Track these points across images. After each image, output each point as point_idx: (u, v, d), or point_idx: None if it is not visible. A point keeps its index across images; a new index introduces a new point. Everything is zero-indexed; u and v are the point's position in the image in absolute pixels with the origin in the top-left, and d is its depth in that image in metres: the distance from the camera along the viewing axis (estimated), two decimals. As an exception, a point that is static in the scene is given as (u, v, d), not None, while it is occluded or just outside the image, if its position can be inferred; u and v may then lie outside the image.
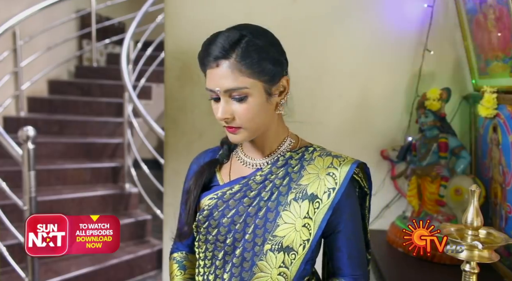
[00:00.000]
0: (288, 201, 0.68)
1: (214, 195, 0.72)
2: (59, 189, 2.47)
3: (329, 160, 0.70)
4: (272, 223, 0.68)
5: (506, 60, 0.96)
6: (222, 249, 0.70)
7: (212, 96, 0.67)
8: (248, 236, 0.69)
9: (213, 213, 0.71)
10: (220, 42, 0.65)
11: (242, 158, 0.74)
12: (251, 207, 0.69)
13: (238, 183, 0.71)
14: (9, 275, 1.91)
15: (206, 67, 0.67)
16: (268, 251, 0.67)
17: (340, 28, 1.26)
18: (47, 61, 3.10)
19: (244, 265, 0.69)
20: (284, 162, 0.71)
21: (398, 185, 1.25)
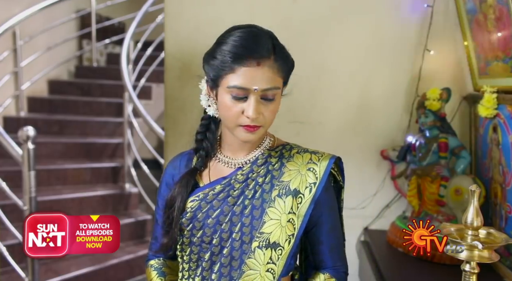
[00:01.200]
0: (272, 198, 0.70)
1: (196, 197, 0.72)
2: (59, 189, 2.47)
3: (307, 156, 0.72)
4: (259, 220, 0.69)
5: (506, 60, 0.96)
6: (209, 250, 0.70)
7: (238, 94, 0.65)
8: (235, 234, 0.69)
9: (197, 215, 0.71)
10: (263, 41, 0.65)
11: (221, 159, 0.74)
12: (236, 206, 0.70)
13: (219, 184, 0.71)
14: (9, 275, 1.91)
15: (241, 65, 0.64)
16: (256, 248, 0.68)
17: (340, 28, 1.26)
18: (47, 61, 3.10)
19: (232, 264, 0.69)
20: (264, 160, 0.72)
21: (398, 185, 1.25)
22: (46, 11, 2.72)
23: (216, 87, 0.68)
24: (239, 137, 0.68)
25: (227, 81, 0.65)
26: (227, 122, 0.68)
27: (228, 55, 0.64)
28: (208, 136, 0.74)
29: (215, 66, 0.66)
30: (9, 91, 2.86)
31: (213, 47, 0.69)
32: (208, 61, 0.68)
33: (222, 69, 0.65)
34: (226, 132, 0.73)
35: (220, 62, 0.65)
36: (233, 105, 0.65)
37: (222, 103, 0.67)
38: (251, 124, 0.66)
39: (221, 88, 0.66)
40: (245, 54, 0.64)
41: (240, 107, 0.65)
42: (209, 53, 0.69)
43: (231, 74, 0.64)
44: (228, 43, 0.65)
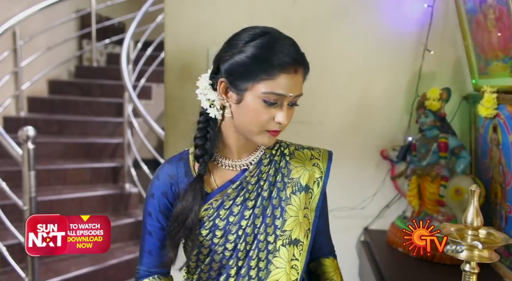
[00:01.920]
0: (288, 196, 0.71)
1: (209, 205, 0.70)
2: (59, 189, 2.47)
3: (308, 153, 0.75)
4: (280, 219, 0.70)
5: (506, 60, 0.96)
6: (234, 256, 0.69)
7: (273, 100, 0.64)
8: (260, 236, 0.69)
9: (217, 223, 0.69)
10: (297, 48, 0.66)
11: (222, 162, 0.72)
12: (256, 208, 0.70)
13: (230, 188, 0.70)
14: (9, 275, 1.91)
15: (282, 72, 0.63)
16: (281, 246, 0.70)
17: (340, 28, 1.26)
18: (47, 61, 3.10)
19: (260, 265, 0.70)
20: (268, 160, 0.73)
21: (398, 185, 1.25)
22: (46, 11, 2.73)
23: (243, 91, 0.65)
24: (260, 141, 0.68)
25: (264, 86, 0.63)
26: (251, 127, 0.66)
27: (272, 62, 0.63)
28: (209, 137, 0.70)
29: (247, 69, 0.64)
30: (9, 91, 2.86)
31: (239, 49, 0.65)
32: (236, 63, 0.65)
33: (258, 75, 0.63)
34: (228, 134, 0.71)
35: (255, 66, 0.63)
36: (265, 111, 0.65)
37: (249, 108, 0.65)
38: (279, 129, 0.67)
39: (252, 93, 0.64)
40: (289, 62, 0.64)
41: (271, 113, 0.65)
42: (233, 55, 0.65)
43: (269, 80, 0.63)
44: (273, 50, 0.64)
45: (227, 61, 0.66)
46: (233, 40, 0.68)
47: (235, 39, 0.68)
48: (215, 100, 0.69)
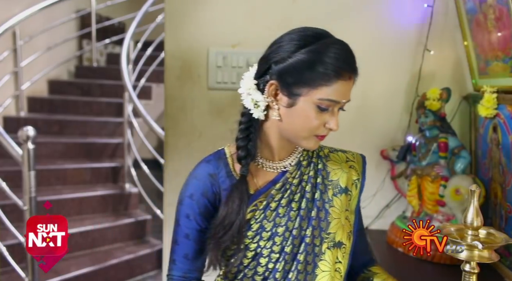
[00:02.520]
0: (330, 198, 0.72)
1: (254, 206, 0.68)
2: (59, 189, 2.47)
3: (343, 155, 0.76)
4: (325, 222, 0.70)
5: (506, 60, 0.96)
6: (282, 260, 0.68)
7: (326, 106, 0.64)
8: (308, 239, 0.69)
9: (264, 225, 0.68)
10: (352, 54, 0.65)
11: (262, 163, 0.71)
12: (301, 210, 0.69)
13: (273, 189, 0.69)
14: (9, 275, 1.91)
15: (339, 79, 0.63)
16: (326, 249, 0.70)
17: (340, 28, 1.25)
18: (47, 61, 3.10)
19: (307, 269, 0.69)
20: (307, 161, 0.73)
21: (398, 185, 1.25)
22: (46, 11, 2.73)
23: (296, 95, 0.64)
24: (307, 145, 0.67)
25: (320, 93, 0.63)
26: (300, 132, 0.66)
27: (330, 68, 0.62)
28: (252, 138, 0.69)
29: (304, 76, 0.63)
30: (9, 91, 2.86)
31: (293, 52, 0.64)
32: (292, 66, 0.63)
33: (316, 81, 0.62)
34: (270, 136, 0.69)
35: (318, 74, 0.62)
36: (317, 117, 0.64)
37: (301, 114, 0.64)
38: (327, 134, 0.67)
39: (306, 98, 0.63)
40: (346, 69, 0.63)
41: (323, 119, 0.65)
42: (288, 58, 0.64)
43: (325, 86, 0.63)
44: (330, 56, 0.62)
45: (280, 64, 0.65)
46: (283, 42, 0.66)
47: (286, 40, 0.66)
48: (260, 101, 0.67)
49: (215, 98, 1.28)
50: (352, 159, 0.76)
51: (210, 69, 1.26)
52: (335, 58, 0.62)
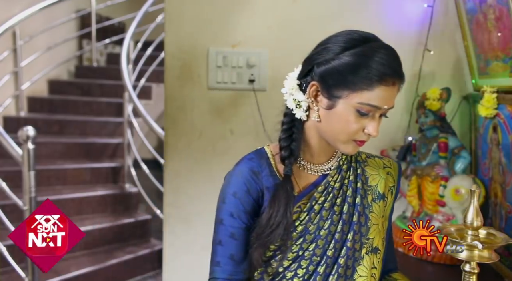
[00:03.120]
0: (369, 203, 0.71)
1: (298, 208, 0.68)
2: (59, 189, 2.47)
3: (380, 161, 0.76)
4: (365, 227, 0.70)
5: (506, 60, 0.96)
6: (323, 263, 0.67)
7: (367, 111, 0.62)
8: (349, 243, 0.68)
9: (308, 228, 0.68)
10: (398, 60, 0.63)
11: (304, 165, 0.70)
12: (344, 214, 0.69)
13: (316, 192, 0.69)
14: (9, 275, 1.91)
15: (382, 84, 0.61)
16: (365, 254, 0.69)
17: (340, 28, 1.26)
18: (47, 61, 3.10)
19: (347, 273, 0.69)
20: (348, 165, 0.72)
21: (398, 185, 1.25)
22: (46, 11, 2.73)
23: (336, 98, 0.63)
24: (345, 150, 0.66)
25: (360, 97, 0.61)
26: (339, 136, 0.65)
27: (374, 73, 0.60)
28: (295, 138, 0.68)
29: (346, 79, 0.62)
30: (9, 91, 2.86)
31: (336, 55, 0.63)
32: (334, 68, 0.63)
33: (358, 85, 0.61)
34: (311, 137, 0.69)
35: (360, 77, 0.61)
36: (356, 121, 0.63)
37: (340, 117, 0.63)
38: (366, 140, 0.65)
39: (346, 101, 0.62)
40: (390, 74, 0.61)
41: (362, 124, 0.63)
42: (331, 60, 0.63)
43: (366, 91, 0.61)
44: (374, 60, 0.61)
45: (323, 65, 0.64)
46: (329, 43, 0.65)
47: (332, 42, 0.65)
48: (302, 101, 0.67)
49: (215, 98, 1.28)
50: (389, 165, 0.75)
51: (210, 69, 1.26)
52: (379, 62, 0.61)
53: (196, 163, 1.28)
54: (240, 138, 1.29)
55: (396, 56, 0.64)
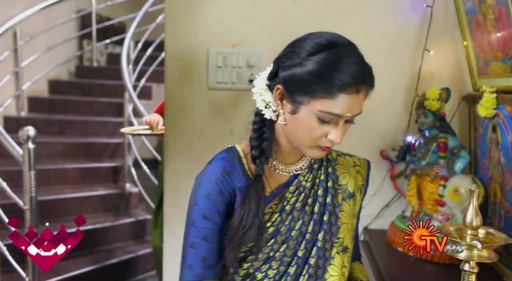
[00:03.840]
0: (340, 202, 0.71)
1: (269, 209, 0.67)
2: (59, 189, 2.47)
3: (350, 159, 0.76)
4: (335, 226, 0.70)
5: (505, 60, 0.96)
6: (294, 264, 0.67)
7: (329, 119, 0.61)
8: (320, 243, 0.68)
9: (280, 229, 0.67)
10: (364, 66, 0.61)
11: (275, 165, 0.70)
12: (315, 214, 0.68)
13: (288, 192, 0.68)
14: (10, 275, 1.92)
15: (343, 93, 0.59)
16: (336, 253, 0.69)
17: (340, 28, 1.25)
18: (48, 61, 3.11)
19: (318, 273, 0.69)
20: (319, 164, 0.72)
21: (397, 184, 1.25)
22: (46, 11, 2.73)
23: (298, 104, 0.62)
24: (310, 154, 0.66)
25: (321, 105, 0.60)
26: (303, 141, 0.64)
27: (335, 82, 0.59)
28: (265, 138, 0.68)
29: (306, 84, 0.60)
30: (10, 91, 2.86)
31: (301, 60, 0.61)
32: (295, 74, 0.61)
33: (318, 93, 0.60)
34: (282, 138, 0.68)
35: (315, 83, 0.59)
36: (318, 128, 0.62)
37: (303, 122, 0.62)
38: (331, 146, 0.64)
39: (307, 108, 0.61)
40: (353, 83, 0.59)
41: (324, 130, 0.62)
42: (294, 65, 0.62)
43: (327, 99, 0.59)
44: (337, 68, 0.59)
45: (286, 70, 0.63)
46: (296, 47, 0.64)
47: (299, 46, 0.63)
48: (270, 102, 0.66)
49: (215, 98, 1.28)
50: (359, 164, 0.75)
51: (210, 69, 1.26)
52: (341, 71, 0.59)
53: (196, 163, 1.28)
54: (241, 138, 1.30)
55: (360, 63, 0.61)
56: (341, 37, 0.64)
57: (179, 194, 1.31)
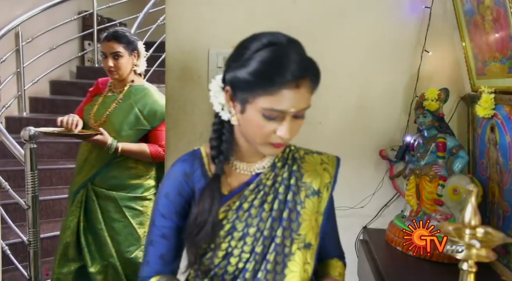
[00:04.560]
0: (302, 199, 0.71)
1: (227, 207, 0.69)
2: (60, 189, 2.49)
3: (318, 157, 0.76)
4: (296, 223, 0.70)
5: (503, 60, 0.96)
6: (252, 260, 0.68)
7: (273, 115, 0.62)
8: (278, 239, 0.69)
9: (236, 225, 0.68)
10: (301, 60, 0.61)
11: (237, 165, 0.72)
12: (274, 211, 0.69)
13: (247, 190, 0.69)
14: (12, 274, 1.93)
15: (280, 88, 0.59)
16: (297, 250, 0.69)
17: (340, 29, 1.28)
18: (49, 62, 3.12)
19: (277, 269, 0.69)
20: (282, 163, 0.73)
21: (396, 184, 1.26)
22: (48, 13, 2.75)
23: (245, 102, 0.63)
24: (264, 152, 0.67)
25: (262, 102, 0.61)
26: (255, 139, 0.65)
27: (263, 78, 0.60)
28: (224, 139, 0.70)
29: (246, 84, 0.61)
30: (12, 91, 2.88)
31: (240, 62, 0.63)
32: (236, 76, 0.63)
33: (256, 90, 0.61)
34: (241, 140, 0.70)
35: (254, 82, 0.60)
36: (265, 125, 0.63)
37: (251, 121, 0.63)
38: (281, 142, 0.65)
39: (252, 106, 0.62)
40: (288, 78, 0.59)
41: (272, 127, 0.63)
42: (235, 67, 0.63)
43: (267, 96, 0.60)
44: (261, 64, 0.60)
45: (231, 71, 0.64)
46: (241, 49, 0.65)
47: (243, 47, 0.65)
48: (224, 104, 0.68)
49: (215, 99, 1.29)
50: (326, 161, 0.75)
51: (211, 70, 1.27)
52: (276, 67, 0.59)
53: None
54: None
55: (299, 59, 0.61)
56: (282, 36, 0.64)
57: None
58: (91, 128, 1.52)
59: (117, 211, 1.49)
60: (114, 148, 1.45)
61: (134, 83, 1.59)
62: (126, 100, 1.55)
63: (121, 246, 1.49)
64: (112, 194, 1.49)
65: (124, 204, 1.50)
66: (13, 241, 1.93)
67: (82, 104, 1.66)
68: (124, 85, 1.58)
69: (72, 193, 1.53)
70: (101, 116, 1.53)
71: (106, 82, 1.66)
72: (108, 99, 1.57)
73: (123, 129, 1.50)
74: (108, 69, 1.53)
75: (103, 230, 1.49)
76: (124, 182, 1.51)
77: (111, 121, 1.51)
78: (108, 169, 1.49)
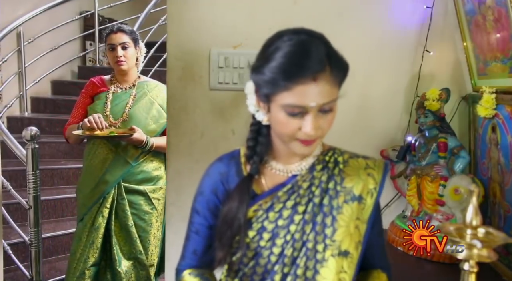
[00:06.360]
0: (340, 205, 0.68)
1: (258, 206, 0.68)
2: (62, 189, 2.49)
3: (363, 161, 0.72)
4: (331, 228, 0.67)
5: (504, 60, 0.96)
6: (280, 262, 0.67)
7: (294, 111, 0.61)
8: (310, 244, 0.67)
9: (265, 226, 0.67)
10: (316, 53, 0.60)
11: (273, 165, 0.70)
12: (306, 214, 0.67)
13: (281, 191, 0.68)
14: (13, 273, 1.93)
15: (297, 83, 0.59)
16: (330, 257, 0.66)
17: (340, 29, 1.27)
18: (51, 62, 3.13)
19: (307, 275, 0.67)
20: (322, 166, 0.71)
21: (397, 184, 1.26)
22: (50, 13, 2.76)
23: (268, 101, 0.63)
24: (295, 150, 0.65)
25: (281, 98, 0.60)
26: (282, 137, 0.65)
27: (279, 74, 0.59)
28: (260, 141, 0.69)
29: (266, 82, 0.61)
30: (13, 91, 2.89)
31: (260, 60, 0.63)
32: (257, 75, 0.63)
33: (274, 87, 0.60)
34: (277, 140, 0.69)
35: (272, 79, 0.60)
36: (289, 122, 0.62)
37: (276, 119, 0.63)
38: (308, 139, 0.63)
39: (275, 104, 0.62)
40: (299, 72, 0.59)
41: (296, 124, 0.62)
42: (257, 67, 0.63)
43: (285, 92, 0.60)
44: (277, 60, 0.60)
45: (254, 73, 0.64)
46: (264, 47, 0.65)
47: (266, 45, 0.65)
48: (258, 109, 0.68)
49: (216, 99, 1.29)
50: (372, 166, 0.72)
51: (212, 70, 1.27)
52: (282, 62, 0.59)
53: (198, 163, 1.30)
54: (242, 138, 1.30)
55: (304, 49, 0.60)
56: (303, 31, 0.63)
57: (181, 193, 1.32)
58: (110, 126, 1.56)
59: (147, 204, 1.57)
60: (150, 144, 1.52)
61: (140, 79, 1.63)
62: (142, 96, 1.59)
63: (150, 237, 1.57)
64: (141, 188, 1.56)
65: (153, 196, 1.58)
66: (15, 241, 1.94)
67: (81, 105, 1.67)
68: (131, 81, 1.61)
69: (101, 193, 1.54)
70: (120, 112, 1.56)
71: (102, 80, 1.67)
72: (120, 95, 1.60)
73: (149, 124, 1.56)
74: (117, 60, 1.57)
75: (133, 226, 1.54)
76: (149, 175, 1.59)
77: (134, 117, 1.56)
78: (137, 164, 1.56)
